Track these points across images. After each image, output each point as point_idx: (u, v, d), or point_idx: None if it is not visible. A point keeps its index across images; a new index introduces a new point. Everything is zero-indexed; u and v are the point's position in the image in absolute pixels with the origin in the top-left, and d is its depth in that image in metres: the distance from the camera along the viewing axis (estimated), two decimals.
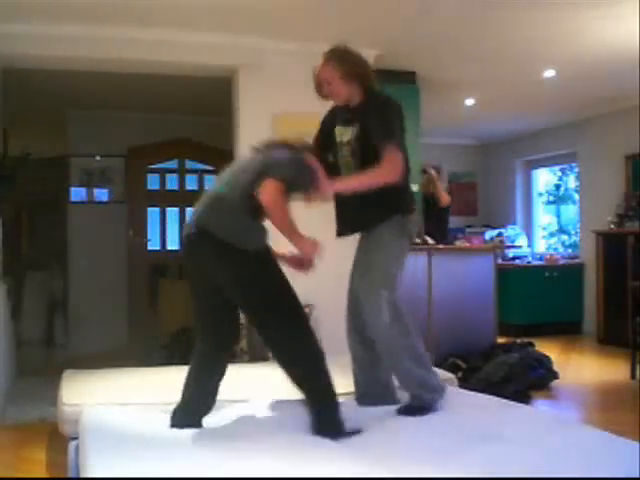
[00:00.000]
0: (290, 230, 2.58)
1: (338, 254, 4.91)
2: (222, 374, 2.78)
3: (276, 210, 2.53)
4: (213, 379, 2.75)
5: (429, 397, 2.81)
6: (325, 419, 2.56)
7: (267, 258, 2.63)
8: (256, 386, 3.47)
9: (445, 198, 6.37)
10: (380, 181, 2.76)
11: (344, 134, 2.96)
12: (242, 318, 2.82)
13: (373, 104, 2.90)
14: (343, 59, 2.90)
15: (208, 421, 2.72)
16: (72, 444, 2.78)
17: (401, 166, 2.82)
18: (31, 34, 4.54)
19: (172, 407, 3.00)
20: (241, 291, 2.61)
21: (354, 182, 2.80)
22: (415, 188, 5.80)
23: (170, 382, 3.60)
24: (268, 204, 2.51)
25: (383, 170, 2.77)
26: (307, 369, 2.59)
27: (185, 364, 4.18)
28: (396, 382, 2.97)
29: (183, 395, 2.74)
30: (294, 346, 2.58)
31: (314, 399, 2.59)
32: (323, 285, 4.76)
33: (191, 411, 2.70)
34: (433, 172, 6.42)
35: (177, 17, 4.54)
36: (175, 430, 2.61)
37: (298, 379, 2.59)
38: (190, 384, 2.75)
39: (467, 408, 2.88)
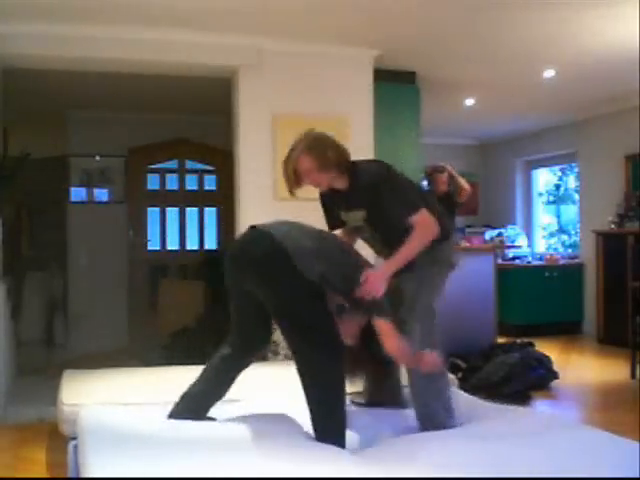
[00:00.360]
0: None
1: None
2: (236, 376, 2.84)
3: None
4: (228, 377, 2.82)
5: None
6: None
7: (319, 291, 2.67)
8: (256, 386, 3.46)
9: (466, 189, 6.10)
10: (423, 243, 2.78)
11: (352, 219, 2.96)
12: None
13: (366, 185, 2.83)
14: (316, 148, 2.83)
15: (209, 421, 2.71)
16: (71, 444, 2.78)
17: (433, 223, 2.80)
18: (31, 34, 4.54)
19: (169, 407, 3.00)
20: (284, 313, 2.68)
21: (400, 260, 2.75)
22: None
23: (170, 382, 3.61)
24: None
25: (419, 234, 2.76)
26: (324, 409, 2.61)
27: (185, 364, 4.21)
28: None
29: (194, 386, 2.79)
30: (319, 384, 2.61)
31: (321, 437, 2.58)
32: None
33: (196, 404, 2.76)
34: (448, 167, 6.16)
35: (177, 17, 4.54)
36: (174, 430, 2.61)
37: (313, 413, 2.62)
38: (206, 377, 2.81)
39: (467, 408, 2.88)
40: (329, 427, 2.59)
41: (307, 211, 4.96)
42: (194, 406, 2.78)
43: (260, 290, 2.66)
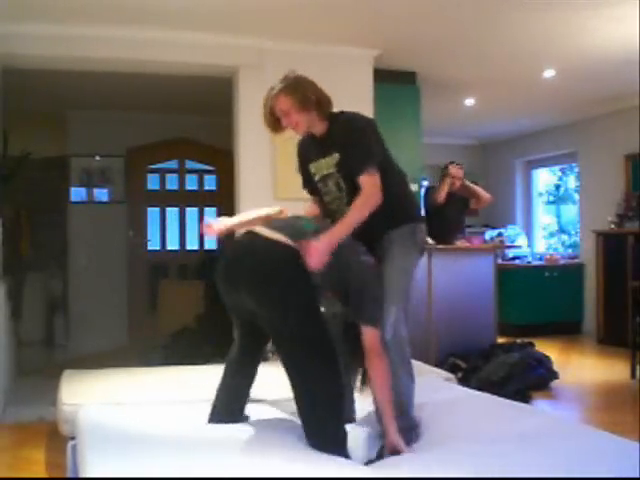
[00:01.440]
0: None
1: None
2: (255, 370, 2.79)
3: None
4: (248, 375, 2.77)
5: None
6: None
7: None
8: (256, 386, 3.46)
9: (485, 198, 5.90)
10: (364, 212, 2.59)
11: (323, 167, 2.79)
12: None
13: (341, 128, 2.73)
14: (295, 88, 2.75)
15: (205, 421, 2.71)
16: (70, 444, 2.77)
17: (378, 186, 2.63)
18: (31, 34, 4.54)
19: (172, 406, 3.00)
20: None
21: (342, 228, 2.56)
22: (415, 187, 5.81)
23: (170, 382, 3.62)
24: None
25: (362, 199, 2.60)
26: (320, 415, 2.48)
27: (185, 364, 4.21)
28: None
29: (219, 392, 2.74)
30: (312, 388, 2.48)
31: (317, 445, 2.45)
32: None
33: (227, 408, 2.72)
34: (455, 169, 5.84)
35: (177, 17, 4.54)
36: (173, 429, 2.61)
37: (306, 420, 2.51)
38: (226, 383, 2.75)
39: (467, 408, 2.88)
40: (332, 440, 2.45)
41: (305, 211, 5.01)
42: (225, 410, 2.70)
43: (263, 309, 2.51)
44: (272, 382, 3.54)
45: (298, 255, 2.44)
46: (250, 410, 2.87)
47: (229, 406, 2.73)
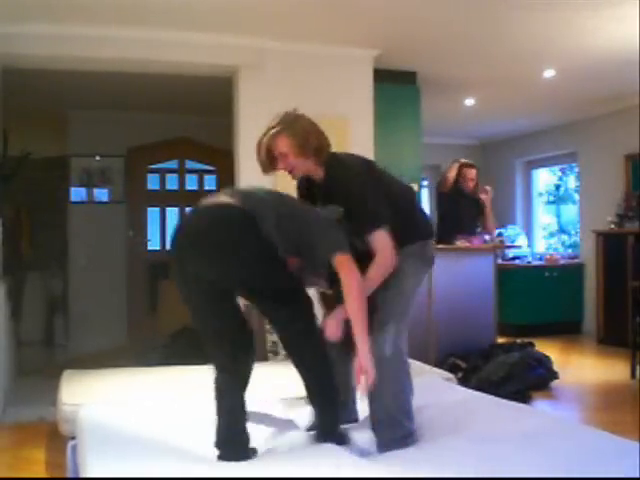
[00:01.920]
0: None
1: None
2: (243, 395, 2.56)
3: None
4: (237, 398, 2.52)
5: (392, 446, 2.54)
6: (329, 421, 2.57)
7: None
8: (256, 386, 3.46)
9: (489, 227, 5.94)
10: (380, 276, 2.52)
11: (329, 212, 2.64)
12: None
13: (338, 187, 2.59)
14: (298, 131, 2.60)
15: (208, 421, 2.71)
16: (70, 444, 2.78)
17: (392, 251, 2.53)
18: (31, 34, 4.54)
19: (172, 406, 3.00)
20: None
21: (358, 301, 2.41)
22: (415, 187, 5.81)
23: (170, 382, 3.62)
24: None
25: (380, 264, 2.51)
26: (322, 373, 2.58)
27: (185, 364, 4.21)
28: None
29: (218, 419, 2.48)
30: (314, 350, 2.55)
31: (321, 403, 2.56)
32: None
33: (229, 431, 2.47)
34: (468, 171, 5.89)
35: (177, 17, 4.54)
36: (173, 430, 2.61)
37: (312, 380, 2.58)
38: (220, 409, 2.50)
39: (467, 408, 2.88)
40: (328, 394, 2.56)
41: None
42: (230, 435, 2.46)
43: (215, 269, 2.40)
44: (271, 382, 3.55)
45: (245, 214, 2.38)
46: (249, 410, 2.87)
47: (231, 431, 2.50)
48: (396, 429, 2.56)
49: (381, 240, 2.52)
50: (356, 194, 2.56)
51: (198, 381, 3.55)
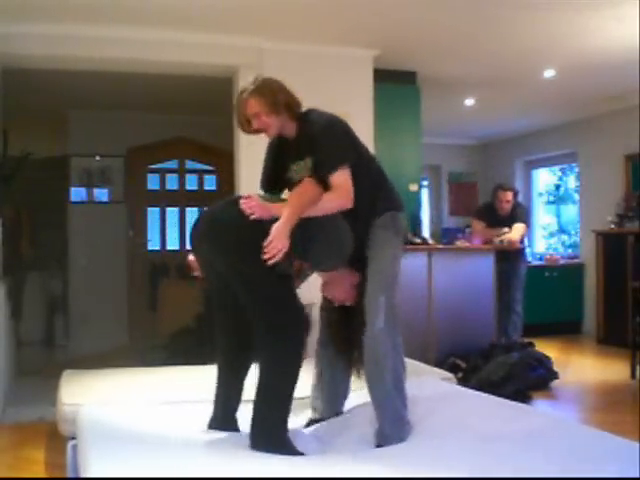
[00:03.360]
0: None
1: None
2: (245, 374, 2.74)
3: None
4: (238, 378, 2.73)
5: (390, 432, 2.60)
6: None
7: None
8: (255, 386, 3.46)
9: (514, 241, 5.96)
10: (327, 208, 2.57)
11: (301, 169, 2.74)
12: None
13: (313, 130, 2.70)
14: (264, 91, 2.73)
15: (206, 421, 2.71)
16: (70, 444, 2.77)
17: (350, 190, 2.60)
18: (31, 34, 4.55)
19: (172, 406, 3.00)
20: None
21: (299, 208, 2.50)
22: (415, 187, 5.82)
23: (170, 382, 3.62)
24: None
25: (331, 196, 2.58)
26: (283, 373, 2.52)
27: (185, 364, 4.21)
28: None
29: (216, 390, 2.72)
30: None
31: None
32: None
33: (223, 409, 2.70)
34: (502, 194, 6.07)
35: (177, 17, 4.54)
36: (173, 429, 2.61)
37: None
38: (220, 381, 2.72)
39: (467, 408, 2.88)
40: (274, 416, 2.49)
41: None
42: (221, 412, 2.69)
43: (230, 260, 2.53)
44: None
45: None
46: (249, 410, 2.87)
47: (224, 409, 2.71)
48: (393, 411, 2.62)
49: (341, 177, 2.61)
50: (325, 136, 2.67)
51: (198, 381, 3.56)
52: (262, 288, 2.52)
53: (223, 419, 2.67)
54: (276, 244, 2.39)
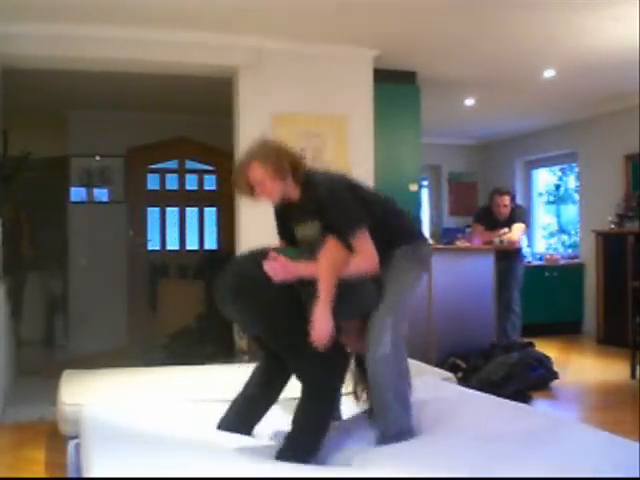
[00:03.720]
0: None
1: None
2: (286, 381, 2.75)
3: None
4: (275, 390, 2.75)
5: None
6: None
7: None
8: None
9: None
10: (354, 273, 2.58)
11: (308, 232, 2.75)
12: None
13: (318, 194, 2.65)
14: (269, 155, 2.66)
15: (207, 421, 2.71)
16: (71, 443, 2.77)
17: (374, 253, 2.60)
18: (31, 34, 4.54)
19: (172, 406, 3.00)
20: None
21: (325, 276, 2.51)
22: (414, 187, 5.82)
23: (170, 382, 3.62)
24: None
25: (358, 263, 2.59)
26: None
27: (185, 364, 4.21)
28: None
29: (244, 390, 2.73)
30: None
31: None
32: None
33: (245, 418, 2.69)
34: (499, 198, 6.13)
35: (177, 17, 4.54)
36: (175, 430, 2.61)
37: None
38: (255, 382, 2.74)
39: (467, 408, 2.88)
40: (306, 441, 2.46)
41: None
42: (244, 414, 2.69)
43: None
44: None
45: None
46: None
47: (242, 417, 2.70)
48: (395, 424, 2.59)
49: (361, 241, 2.60)
50: (334, 201, 2.63)
51: (198, 381, 3.56)
52: (300, 354, 2.51)
53: (236, 424, 2.65)
54: (321, 332, 2.43)
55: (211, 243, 7.89)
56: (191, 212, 7.87)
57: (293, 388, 2.62)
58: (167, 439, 2.48)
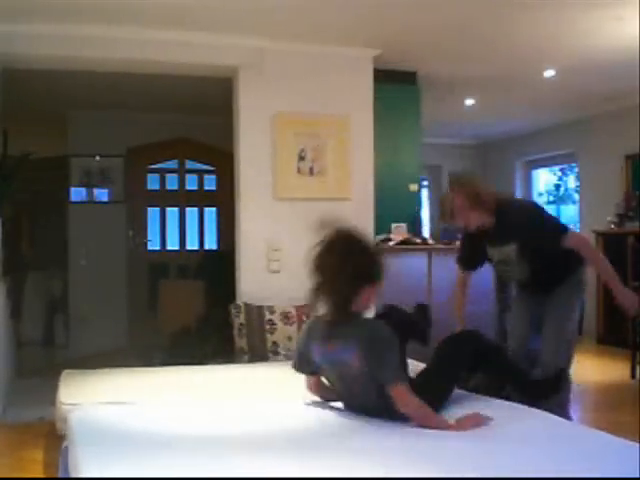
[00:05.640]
0: (436, 423, 2.60)
1: None
2: None
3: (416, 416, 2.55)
4: None
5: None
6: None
7: None
8: (256, 386, 3.46)
9: None
10: (600, 262, 3.41)
11: (503, 253, 3.34)
12: None
13: (514, 220, 3.23)
14: (471, 191, 3.22)
15: (207, 421, 2.71)
16: (64, 444, 2.77)
17: (584, 236, 3.52)
18: (31, 34, 4.54)
19: (172, 407, 3.00)
20: None
21: (611, 274, 3.43)
22: (414, 188, 5.82)
23: (170, 382, 3.62)
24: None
25: (589, 257, 3.38)
26: None
27: (185, 364, 4.21)
28: None
29: None
30: None
31: None
32: None
33: None
34: None
35: (177, 17, 4.54)
36: (170, 429, 2.60)
37: None
38: None
39: (467, 408, 2.88)
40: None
41: (305, 211, 5.01)
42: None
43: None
44: (271, 382, 3.55)
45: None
46: (249, 410, 2.87)
47: None
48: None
49: (576, 237, 3.34)
50: (534, 217, 3.28)
51: (198, 381, 3.56)
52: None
53: None
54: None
55: (211, 243, 7.89)
56: (191, 212, 7.87)
57: None
58: (157, 441, 2.45)
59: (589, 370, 6.05)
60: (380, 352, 2.49)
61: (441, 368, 2.79)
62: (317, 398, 2.86)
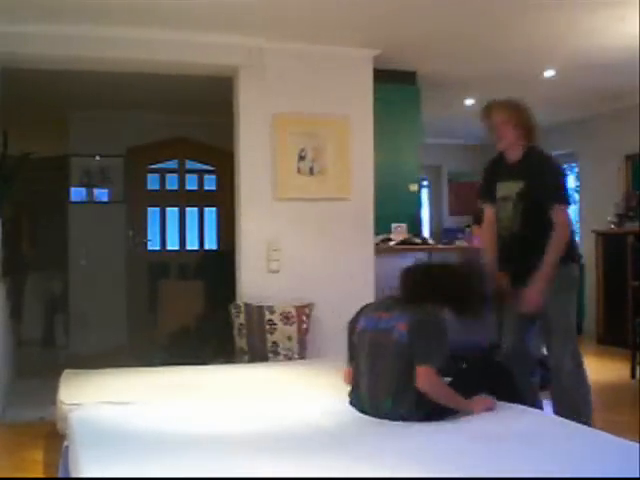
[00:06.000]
0: (455, 403, 2.71)
1: (339, 255, 4.91)
2: None
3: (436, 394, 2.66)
4: None
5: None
6: None
7: None
8: (256, 386, 3.47)
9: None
10: (561, 246, 3.20)
11: (507, 189, 3.33)
12: None
13: (539, 162, 3.29)
14: (519, 109, 3.34)
15: (207, 421, 2.71)
16: (64, 444, 2.77)
17: (568, 225, 3.26)
18: (31, 34, 4.54)
19: (171, 407, 3.00)
20: None
21: (548, 269, 3.20)
22: (414, 188, 5.82)
23: (170, 382, 3.62)
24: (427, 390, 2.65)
25: (559, 235, 3.17)
26: None
27: (185, 364, 4.21)
28: None
29: None
30: None
31: None
32: (323, 284, 4.76)
33: None
34: None
35: (177, 17, 4.54)
36: (170, 429, 2.61)
37: None
38: None
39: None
40: None
41: (305, 211, 5.02)
42: None
43: None
44: (271, 382, 3.55)
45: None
46: (249, 410, 2.87)
47: None
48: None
49: (562, 215, 3.21)
50: (554, 173, 3.30)
51: (198, 381, 3.56)
52: None
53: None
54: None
55: (211, 243, 7.89)
56: (191, 212, 7.87)
57: None
58: (157, 440, 2.46)
59: (589, 370, 6.02)
60: (428, 334, 2.67)
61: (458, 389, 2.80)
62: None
